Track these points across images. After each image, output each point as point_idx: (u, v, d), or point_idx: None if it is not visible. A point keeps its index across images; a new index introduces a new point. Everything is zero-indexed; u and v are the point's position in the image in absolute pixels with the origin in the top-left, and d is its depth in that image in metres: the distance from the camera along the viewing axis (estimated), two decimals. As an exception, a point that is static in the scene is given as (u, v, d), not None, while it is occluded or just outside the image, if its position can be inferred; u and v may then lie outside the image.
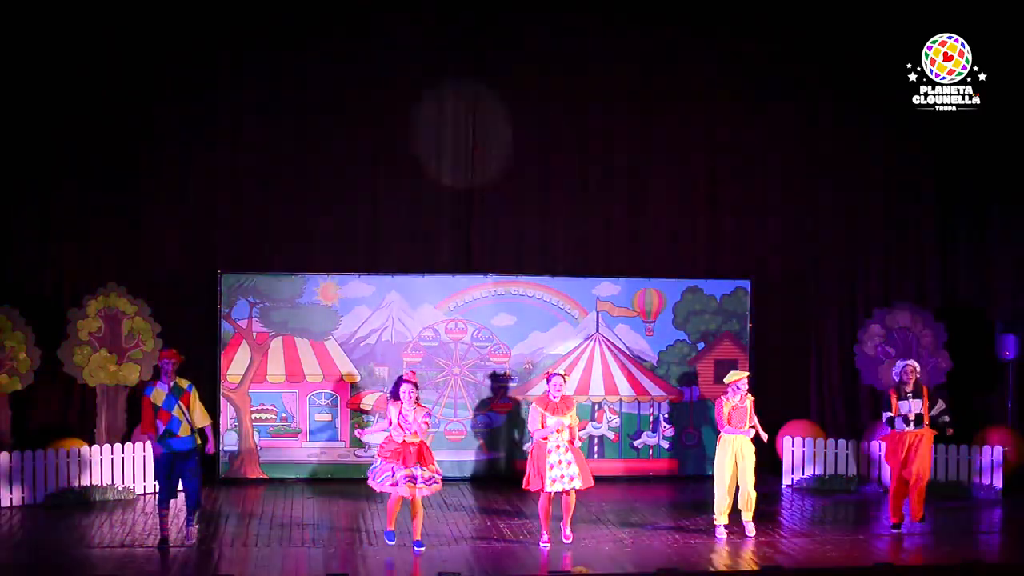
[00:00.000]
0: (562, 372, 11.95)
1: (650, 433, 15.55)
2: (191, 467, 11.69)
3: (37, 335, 14.31)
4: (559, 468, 11.56)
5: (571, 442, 11.68)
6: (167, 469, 11.65)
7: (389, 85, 15.63)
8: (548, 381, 11.81)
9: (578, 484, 11.64)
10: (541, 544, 11.75)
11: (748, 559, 11.46)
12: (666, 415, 15.53)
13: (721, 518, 12.35)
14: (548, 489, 11.57)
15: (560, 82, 15.94)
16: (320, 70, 15.54)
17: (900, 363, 12.74)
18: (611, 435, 15.48)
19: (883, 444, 13.34)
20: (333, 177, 15.65)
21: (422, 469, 11.47)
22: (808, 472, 15.03)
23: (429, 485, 11.52)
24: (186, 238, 15.35)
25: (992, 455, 14.51)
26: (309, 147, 15.61)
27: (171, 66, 15.16)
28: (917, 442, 12.51)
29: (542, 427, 11.62)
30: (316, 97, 15.53)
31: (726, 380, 12.49)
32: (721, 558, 11.56)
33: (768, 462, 15.57)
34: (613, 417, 15.45)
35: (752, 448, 12.39)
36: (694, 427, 15.56)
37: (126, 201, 15.23)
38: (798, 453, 15.09)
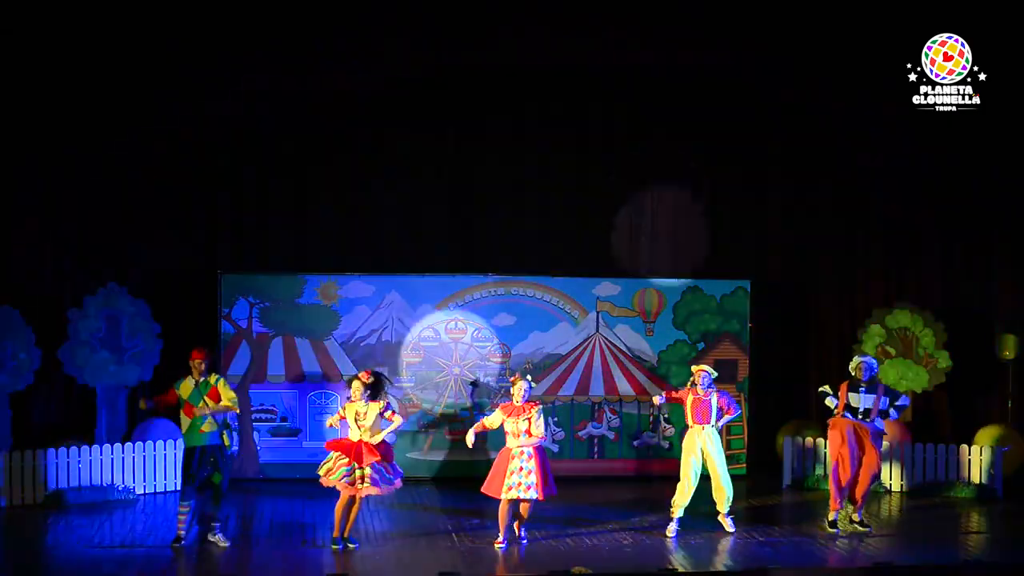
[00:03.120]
0: (530, 377, 11.93)
1: (650, 433, 15.56)
2: (216, 463, 11.68)
3: (37, 335, 14.31)
4: (517, 475, 11.55)
5: (532, 445, 11.60)
6: (189, 463, 11.65)
7: (388, 84, 15.63)
8: (513, 385, 11.79)
9: (533, 495, 11.56)
10: (496, 545, 11.67)
11: (748, 559, 11.45)
12: (666, 415, 15.53)
13: (677, 511, 12.27)
14: (503, 496, 11.56)
15: (560, 81, 15.94)
16: (320, 69, 15.54)
17: (857, 358, 12.78)
18: (611, 435, 15.48)
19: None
20: (333, 177, 15.66)
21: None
22: (807, 472, 15.02)
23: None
24: (186, 238, 15.36)
25: (992, 455, 14.50)
26: (309, 146, 15.63)
27: (171, 66, 15.14)
28: (864, 436, 12.55)
29: (483, 426, 11.79)
30: (316, 96, 15.54)
31: (693, 374, 12.47)
32: (721, 558, 11.56)
33: (768, 462, 15.62)
34: (613, 417, 15.45)
35: (720, 440, 12.35)
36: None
37: (126, 201, 15.24)
38: (797, 453, 15.08)
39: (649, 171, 16.26)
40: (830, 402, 12.71)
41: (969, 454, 14.61)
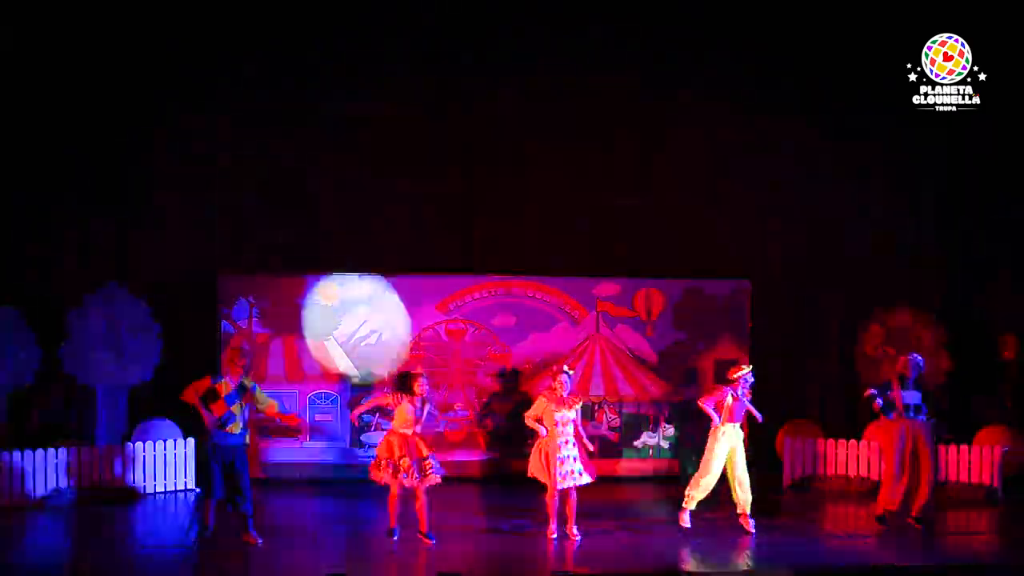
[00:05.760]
0: (568, 368, 11.98)
1: (650, 433, 15.56)
2: (238, 463, 11.68)
3: (37, 335, 14.31)
4: (568, 464, 11.66)
5: (577, 436, 11.75)
6: (213, 462, 11.63)
7: (388, 84, 15.65)
8: (554, 378, 11.86)
9: (585, 479, 11.74)
10: (549, 535, 11.78)
11: (748, 559, 11.46)
12: (666, 415, 15.54)
13: (691, 503, 12.31)
14: (559, 486, 11.64)
15: (561, 82, 15.95)
16: (319, 70, 15.56)
17: (903, 356, 12.76)
18: (611, 435, 15.48)
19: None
20: (333, 177, 15.67)
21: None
22: (808, 472, 15.03)
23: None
24: (186, 238, 15.36)
25: (992, 455, 14.50)
26: (309, 147, 15.64)
27: (171, 67, 15.18)
28: (920, 434, 12.50)
29: (538, 420, 11.72)
30: (315, 97, 15.55)
31: (735, 375, 12.43)
32: (722, 558, 11.55)
33: (768, 461, 15.61)
34: (613, 417, 15.45)
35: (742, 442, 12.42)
36: (694, 427, 15.54)
37: (126, 201, 15.25)
38: (798, 453, 15.09)
39: (650, 171, 16.27)
40: (876, 404, 12.58)
41: (969, 454, 14.61)
